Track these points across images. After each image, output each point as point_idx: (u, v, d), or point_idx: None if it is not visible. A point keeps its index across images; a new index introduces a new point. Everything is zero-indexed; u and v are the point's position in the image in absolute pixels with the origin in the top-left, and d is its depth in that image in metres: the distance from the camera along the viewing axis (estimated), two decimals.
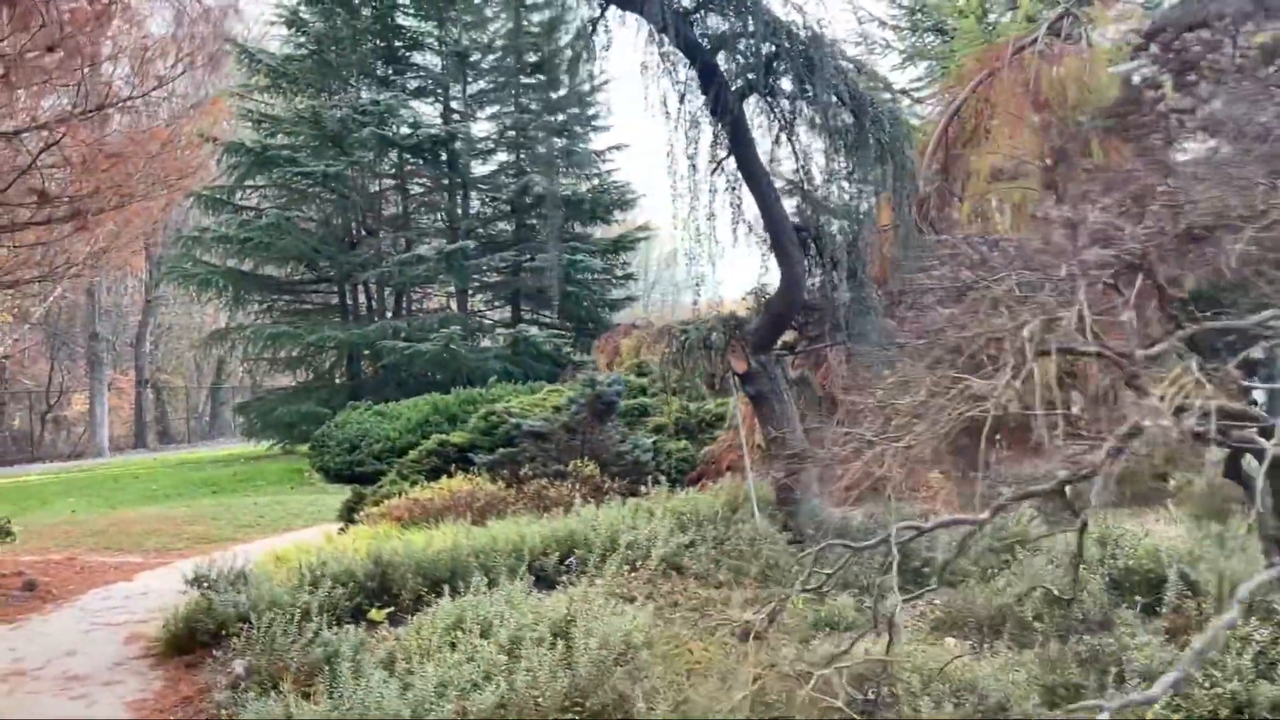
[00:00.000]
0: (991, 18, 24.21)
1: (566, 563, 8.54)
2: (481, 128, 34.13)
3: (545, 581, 8.25)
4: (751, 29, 7.15)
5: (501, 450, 12.54)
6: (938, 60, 25.24)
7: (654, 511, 9.39)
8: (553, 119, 33.10)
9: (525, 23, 33.14)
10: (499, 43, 33.29)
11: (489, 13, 33.70)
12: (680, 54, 7.71)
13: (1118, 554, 6.90)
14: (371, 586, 8.12)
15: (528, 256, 30.07)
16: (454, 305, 32.50)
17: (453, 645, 6.24)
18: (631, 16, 7.64)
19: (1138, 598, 6.12)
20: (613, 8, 7.36)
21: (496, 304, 34.39)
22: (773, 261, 8.93)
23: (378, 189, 33.17)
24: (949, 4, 25.39)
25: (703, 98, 8.05)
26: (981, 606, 6.10)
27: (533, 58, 32.99)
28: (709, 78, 7.49)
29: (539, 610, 6.67)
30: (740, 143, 7.71)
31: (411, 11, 33.31)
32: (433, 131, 30.12)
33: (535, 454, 12.18)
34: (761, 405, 8.65)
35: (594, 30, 7.35)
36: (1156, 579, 6.45)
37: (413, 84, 33.31)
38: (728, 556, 7.93)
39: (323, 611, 7.27)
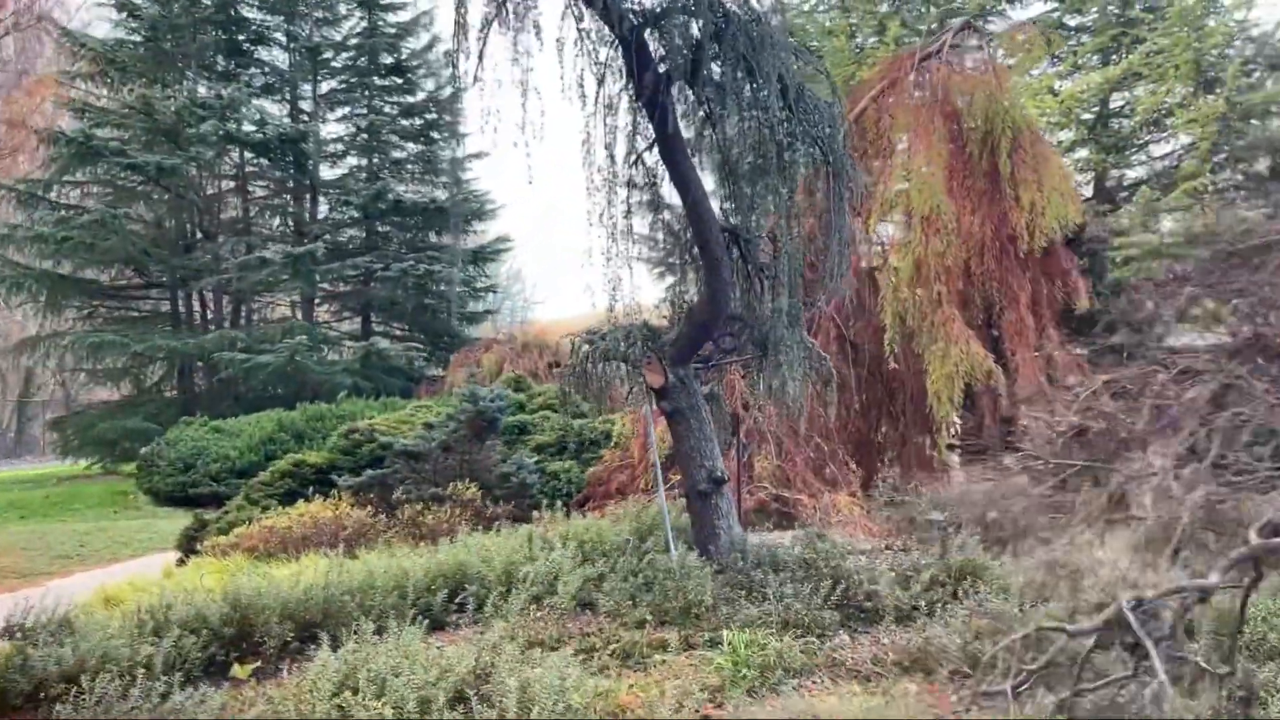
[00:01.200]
0: (858, 39, 24.46)
1: (458, 600, 7.53)
2: (332, 129, 32.41)
3: (434, 623, 7.21)
4: (684, 3, 6.38)
5: (369, 472, 11.33)
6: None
7: (552, 540, 8.47)
8: (409, 123, 31.74)
9: (381, 21, 31.72)
10: (353, 41, 31.69)
11: (343, 9, 32.07)
12: (605, 29, 6.89)
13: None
14: (229, 634, 6.88)
15: (381, 265, 28.48)
16: (299, 315, 30.52)
17: (341, 710, 5.17)
18: None
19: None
20: None
21: (345, 315, 32.54)
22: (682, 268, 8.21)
23: (217, 189, 30.92)
24: (815, 25, 25.53)
25: (621, 83, 7.27)
26: (954, 647, 5.48)
27: (388, 59, 31.58)
28: (635, 58, 6.69)
29: (442, 662, 5.66)
30: (666, 133, 6.93)
31: (256, 4, 31.39)
32: (281, 130, 28.20)
33: (408, 476, 11.04)
34: (678, 423, 7.89)
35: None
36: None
37: (258, 80, 31.28)
38: (645, 592, 7.09)
39: (171, 667, 6.05)
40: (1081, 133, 22.12)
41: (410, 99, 31.88)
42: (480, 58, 6.51)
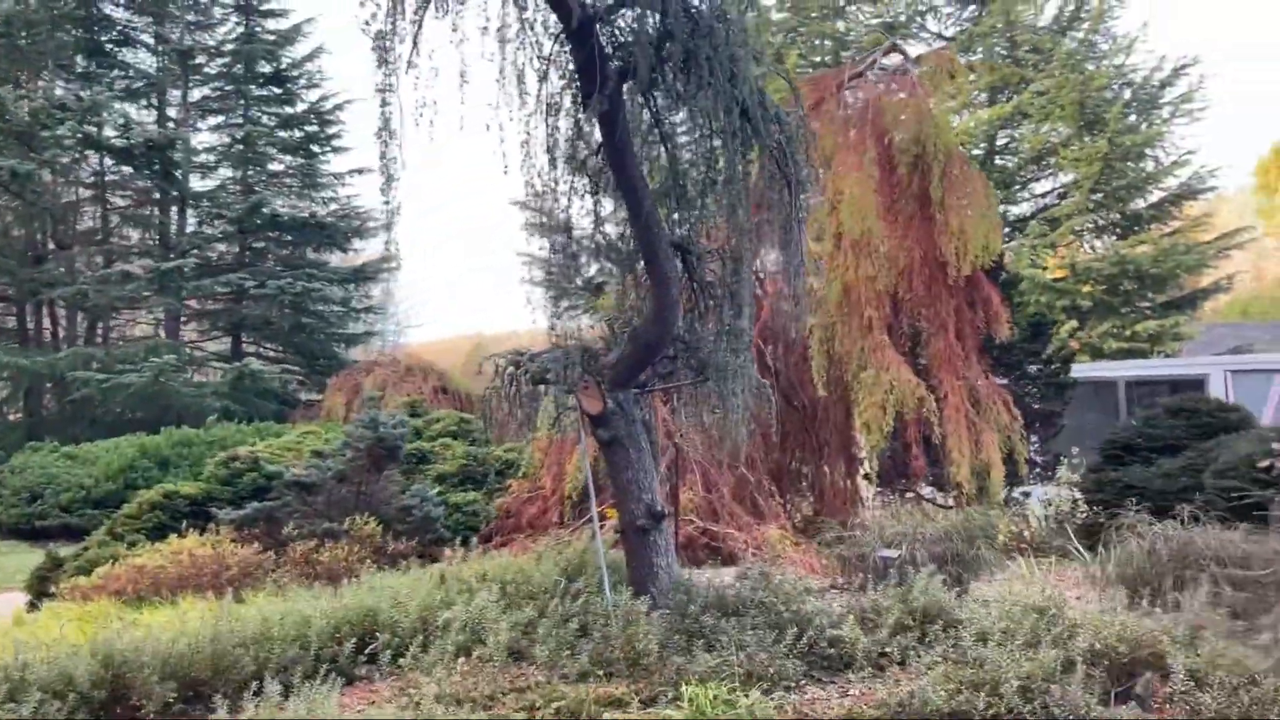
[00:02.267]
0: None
1: (369, 651, 6.69)
2: (204, 139, 30.67)
3: (343, 677, 6.34)
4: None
5: (253, 504, 10.28)
6: None
7: (469, 581, 7.70)
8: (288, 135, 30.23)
9: (259, 28, 30.23)
10: (228, 47, 30.08)
11: (218, 13, 30.47)
12: (552, 20, 6.27)
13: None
14: (100, 697, 5.87)
15: (256, 282, 26.90)
16: (163, 333, 28.58)
17: None
18: None
19: None
20: None
21: (214, 334, 30.67)
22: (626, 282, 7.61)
23: (75, 197, 28.79)
24: None
25: (563, 82, 6.66)
26: (940, 700, 4.98)
27: (266, 67, 30.05)
28: (581, 53, 6.07)
29: None
30: (614, 138, 6.33)
31: (123, 3, 29.52)
32: (147, 136, 26.42)
33: (298, 509, 10.05)
34: (615, 453, 7.25)
35: None
36: None
37: (121, 83, 29.31)
38: (583, 639, 6.41)
39: None
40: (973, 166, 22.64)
41: (290, 110, 30.43)
42: (415, 42, 5.79)
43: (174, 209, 29.33)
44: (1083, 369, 14.93)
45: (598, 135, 6.71)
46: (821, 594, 7.58)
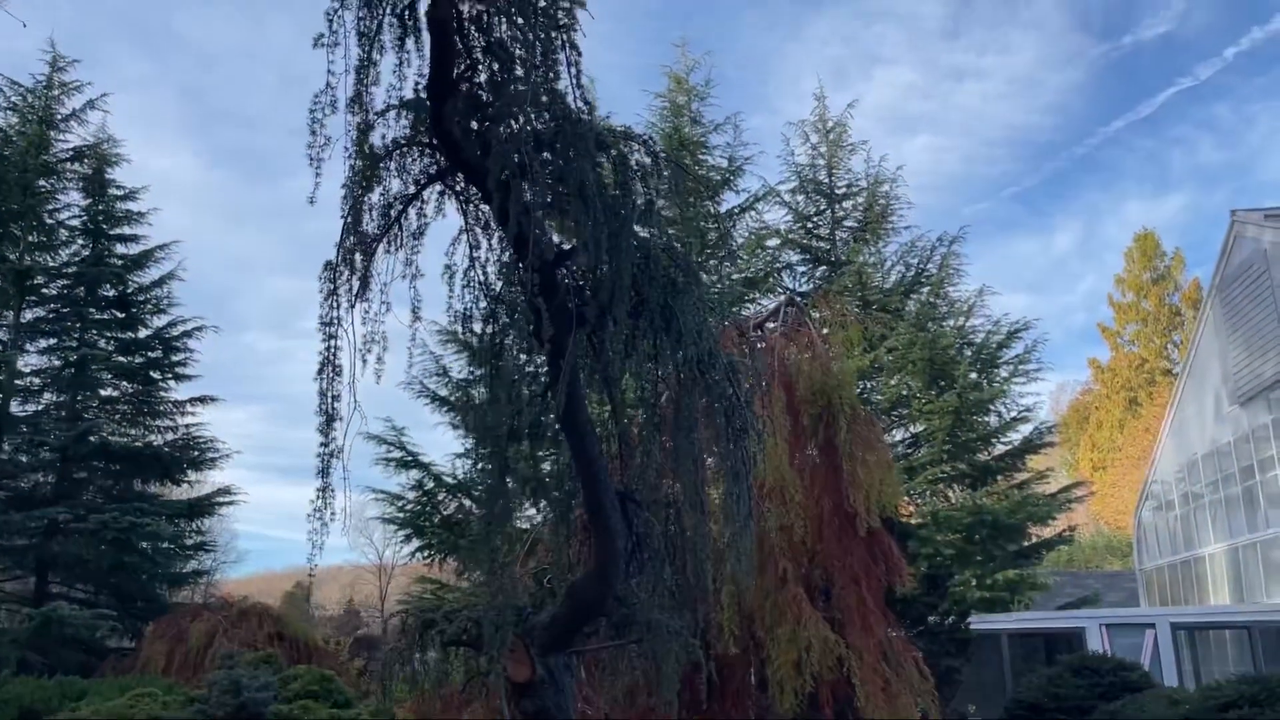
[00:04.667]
0: None
1: None
2: (30, 361, 28.66)
3: None
4: (602, 241, 5.64)
5: None
6: None
7: None
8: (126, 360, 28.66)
9: (107, 252, 29.16)
10: (72, 269, 28.77)
11: (63, 234, 29.30)
12: (504, 259, 6.03)
13: None
14: None
15: (75, 516, 24.52)
16: None
17: None
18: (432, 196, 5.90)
19: None
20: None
21: (17, 573, 27.50)
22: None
23: None
24: None
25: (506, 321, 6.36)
26: None
27: (111, 291, 28.78)
28: (539, 299, 5.81)
29: None
30: (566, 382, 5.99)
31: None
32: None
33: None
34: None
35: (404, 210, 5.48)
36: None
37: None
38: None
39: None
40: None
41: (132, 334, 29.02)
42: (365, 278, 5.41)
43: None
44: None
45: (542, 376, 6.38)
46: None
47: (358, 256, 5.29)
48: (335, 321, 5.23)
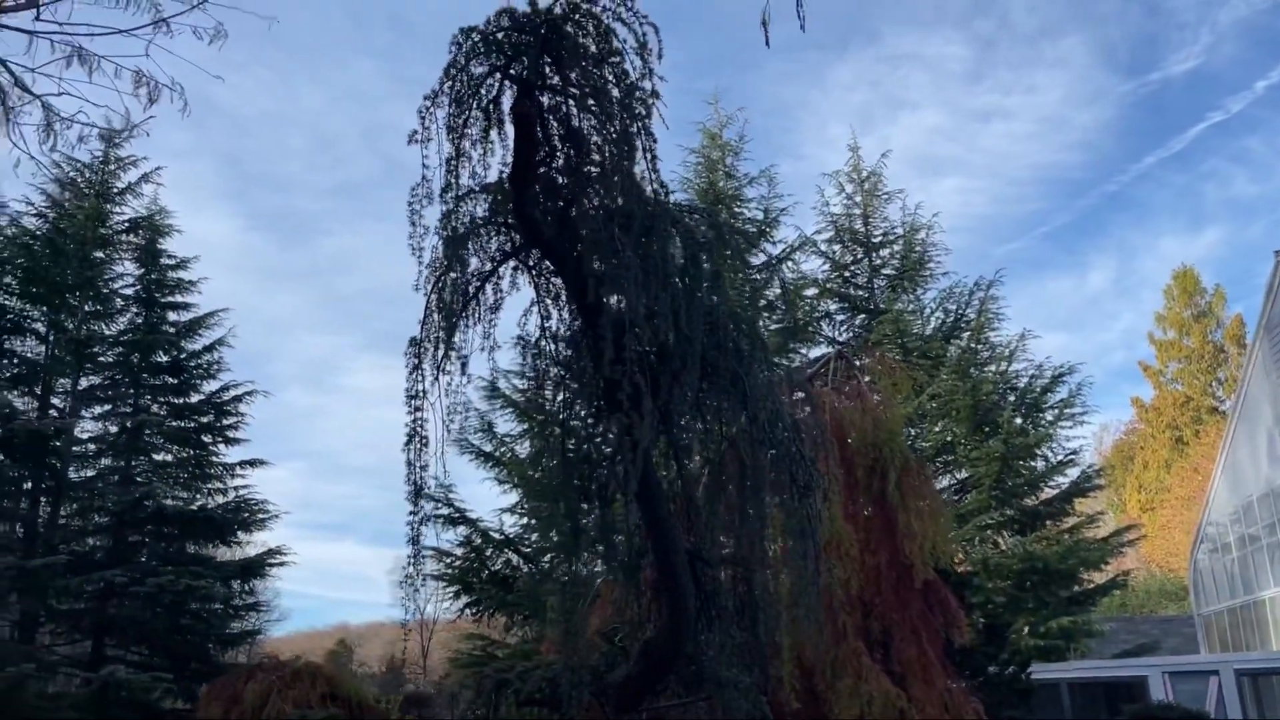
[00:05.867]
0: None
1: None
2: (86, 427, 29.32)
3: None
4: (673, 305, 5.89)
5: None
6: None
7: None
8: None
9: (157, 319, 29.94)
10: (126, 337, 29.55)
11: (118, 303, 30.14)
12: (573, 326, 6.30)
13: None
14: None
15: (131, 579, 24.95)
16: (15, 636, 25.85)
17: None
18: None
19: None
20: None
21: (75, 637, 27.92)
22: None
23: None
24: None
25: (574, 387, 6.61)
26: None
27: (164, 358, 29.50)
28: (613, 363, 6.06)
29: None
30: (642, 449, 6.22)
31: (18, 291, 28.99)
32: (31, 427, 25.15)
33: None
34: None
35: (482, 286, 5.78)
36: None
37: (5, 371, 28.22)
38: None
39: None
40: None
41: (184, 399, 29.68)
42: (448, 347, 5.70)
43: (43, 500, 27.47)
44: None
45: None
46: None
47: (441, 332, 5.59)
48: (420, 394, 5.51)
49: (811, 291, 27.67)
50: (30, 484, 27.30)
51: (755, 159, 46.00)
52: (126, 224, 29.87)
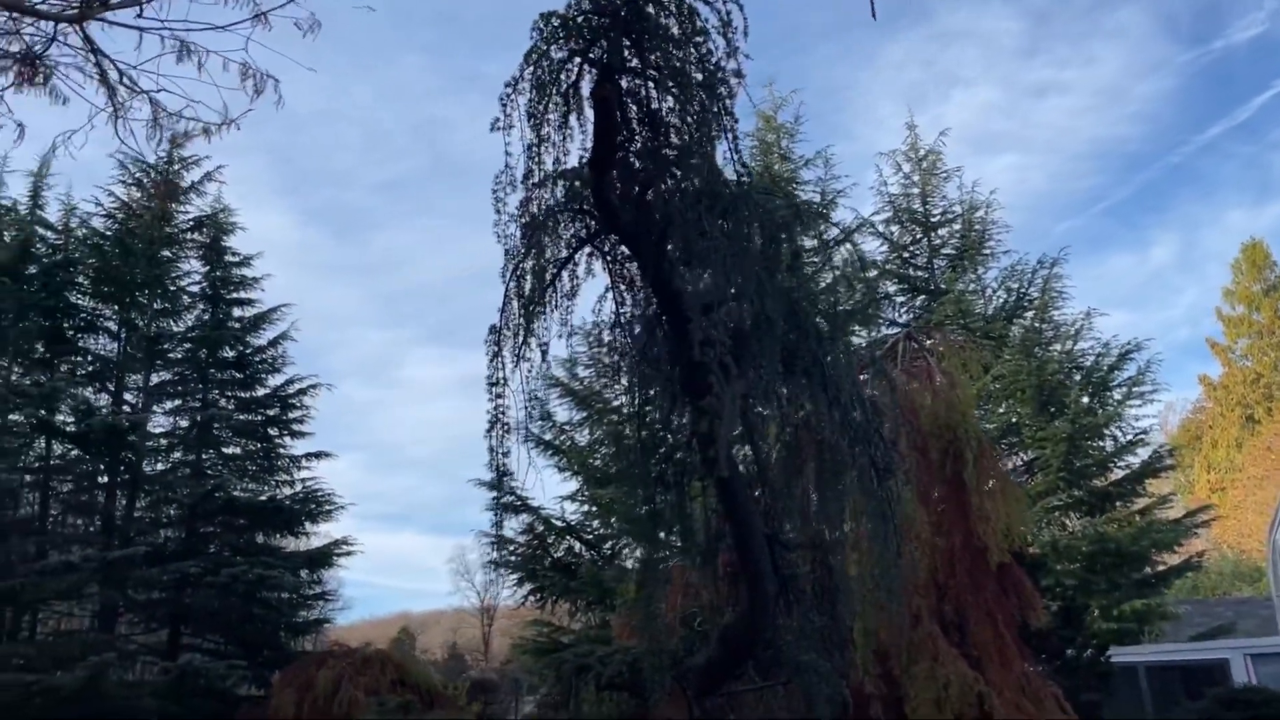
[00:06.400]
0: None
1: None
2: (157, 421, 30.07)
3: None
4: (749, 288, 5.86)
5: None
6: None
7: None
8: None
9: (222, 315, 30.56)
10: (194, 333, 30.22)
11: (185, 300, 30.82)
12: (649, 310, 6.30)
13: None
14: None
15: (205, 570, 25.56)
16: (95, 626, 26.64)
17: None
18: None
19: None
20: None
21: (153, 626, 28.69)
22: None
23: (20, 483, 27.61)
24: None
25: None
26: None
27: (230, 353, 30.12)
28: (692, 346, 6.05)
29: None
30: (723, 434, 6.20)
31: (89, 290, 29.77)
32: (107, 422, 25.85)
33: None
34: None
35: (559, 273, 5.82)
36: None
37: (80, 368, 29.03)
38: None
39: None
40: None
41: (250, 394, 30.29)
42: (528, 333, 5.73)
43: (119, 494, 28.22)
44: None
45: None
46: None
47: (520, 319, 5.63)
48: (501, 381, 5.55)
49: (871, 273, 27.39)
50: (106, 478, 28.11)
51: (810, 140, 45.55)
52: (191, 222, 30.54)
